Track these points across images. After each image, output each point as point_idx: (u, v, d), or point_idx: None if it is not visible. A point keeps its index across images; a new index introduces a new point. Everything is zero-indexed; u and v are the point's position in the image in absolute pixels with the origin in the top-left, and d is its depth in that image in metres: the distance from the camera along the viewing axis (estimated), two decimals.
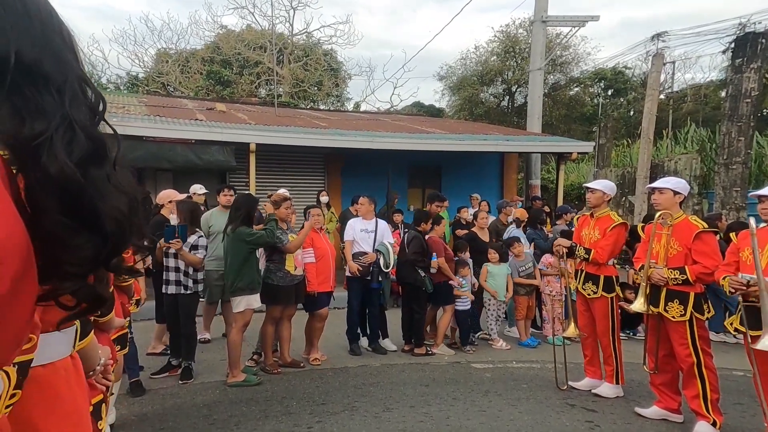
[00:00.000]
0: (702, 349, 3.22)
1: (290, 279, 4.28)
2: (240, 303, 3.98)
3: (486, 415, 3.47)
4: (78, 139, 0.53)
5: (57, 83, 0.53)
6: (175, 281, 4.02)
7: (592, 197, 3.96)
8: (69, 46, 0.57)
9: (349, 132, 9.82)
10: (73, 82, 0.55)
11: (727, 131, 8.49)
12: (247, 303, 4.00)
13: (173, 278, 4.02)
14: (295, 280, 4.32)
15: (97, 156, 0.55)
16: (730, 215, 7.86)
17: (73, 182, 0.51)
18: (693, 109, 17.21)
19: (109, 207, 0.54)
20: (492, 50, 21.77)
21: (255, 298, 4.05)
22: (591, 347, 3.99)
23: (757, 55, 8.17)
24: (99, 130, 0.57)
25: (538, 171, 12.22)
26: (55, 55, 0.54)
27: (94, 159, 0.54)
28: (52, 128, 0.51)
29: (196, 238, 4.06)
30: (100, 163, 0.55)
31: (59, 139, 0.51)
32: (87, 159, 0.53)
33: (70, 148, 0.52)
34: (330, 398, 3.78)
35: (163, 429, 3.24)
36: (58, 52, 0.55)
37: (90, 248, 0.53)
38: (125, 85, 20.90)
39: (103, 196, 0.54)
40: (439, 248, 4.98)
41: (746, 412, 3.55)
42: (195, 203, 4.59)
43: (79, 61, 0.59)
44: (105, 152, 0.56)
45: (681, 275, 3.21)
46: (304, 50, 21.88)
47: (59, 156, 0.50)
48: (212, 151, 8.08)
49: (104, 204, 0.54)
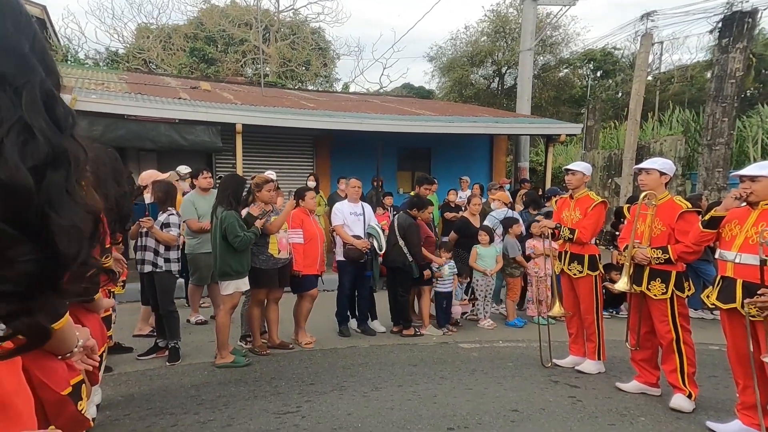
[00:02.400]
0: (681, 325, 3.32)
1: (273, 262, 4.23)
2: (228, 286, 3.96)
3: (472, 393, 3.55)
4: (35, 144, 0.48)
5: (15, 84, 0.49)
6: (149, 261, 3.97)
7: (573, 179, 4.00)
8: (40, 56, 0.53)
9: (338, 113, 9.67)
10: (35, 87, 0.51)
11: (712, 112, 8.57)
12: (236, 286, 3.97)
13: (147, 258, 3.98)
14: (278, 263, 4.27)
15: (57, 164, 0.50)
16: (711, 195, 8.00)
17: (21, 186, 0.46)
18: (679, 90, 17.32)
19: (63, 220, 0.49)
20: (482, 30, 21.50)
21: (244, 281, 4.02)
22: (576, 325, 4.08)
23: (744, 35, 8.18)
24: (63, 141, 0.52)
25: (527, 153, 12.26)
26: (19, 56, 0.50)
27: (53, 167, 0.50)
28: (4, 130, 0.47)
29: (166, 216, 4.01)
30: (59, 172, 0.50)
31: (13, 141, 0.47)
32: (44, 165, 0.49)
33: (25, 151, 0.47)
34: (319, 378, 3.82)
35: (151, 409, 3.24)
36: (22, 54, 0.51)
37: (31, 263, 0.48)
38: (104, 60, 20.16)
39: (57, 207, 0.49)
40: (425, 232, 5.00)
41: (720, 383, 3.70)
42: (170, 183, 4.46)
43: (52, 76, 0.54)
44: (67, 162, 0.52)
45: (663, 254, 3.27)
46: (291, 28, 21.30)
47: (10, 159, 0.46)
48: (197, 131, 7.89)
49: (58, 216, 0.49)
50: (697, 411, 3.26)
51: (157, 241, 3.96)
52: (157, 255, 3.97)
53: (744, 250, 2.76)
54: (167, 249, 4.00)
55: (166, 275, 4.02)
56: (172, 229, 4.01)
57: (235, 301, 4.05)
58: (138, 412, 3.21)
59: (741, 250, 2.77)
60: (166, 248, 3.99)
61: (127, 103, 7.72)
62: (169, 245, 4.00)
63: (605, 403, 3.40)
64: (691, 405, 3.27)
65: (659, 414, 3.24)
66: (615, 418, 3.19)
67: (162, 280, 4.00)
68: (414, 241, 4.85)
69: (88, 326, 1.57)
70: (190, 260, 4.85)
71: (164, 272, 4.00)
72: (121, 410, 3.23)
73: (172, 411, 3.22)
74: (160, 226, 3.96)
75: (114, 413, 3.17)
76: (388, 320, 5.19)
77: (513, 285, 5.53)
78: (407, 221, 4.94)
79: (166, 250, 4.00)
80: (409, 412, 3.23)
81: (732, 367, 2.96)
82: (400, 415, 3.18)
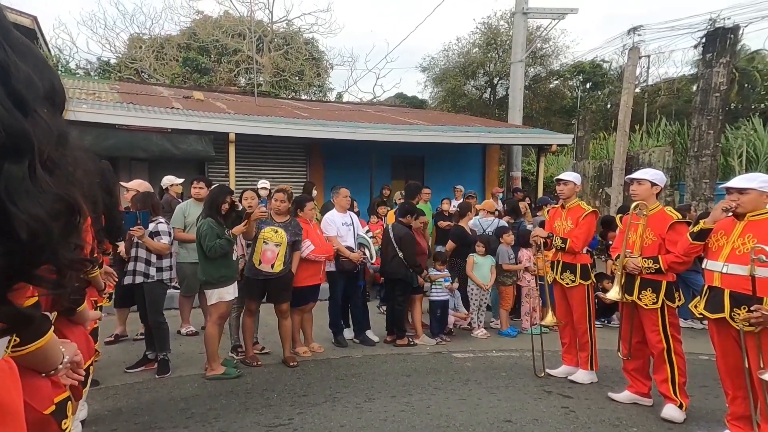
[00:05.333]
0: (672, 335, 3.34)
1: (255, 272, 4.13)
2: (212, 296, 3.90)
3: (466, 404, 3.53)
4: None
5: None
6: (140, 272, 3.91)
7: (565, 188, 4.04)
8: None
9: (332, 122, 9.71)
10: None
11: (698, 124, 8.75)
12: (219, 296, 3.89)
13: (138, 268, 3.91)
14: (259, 275, 4.11)
15: (14, 151, 0.46)
16: (699, 206, 8.13)
17: None
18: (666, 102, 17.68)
19: (23, 210, 0.46)
20: (474, 42, 21.85)
21: (227, 290, 3.92)
22: (569, 335, 4.09)
23: (726, 50, 8.41)
24: (21, 121, 0.47)
25: (519, 163, 12.39)
26: None
27: (10, 154, 0.46)
28: None
29: (154, 225, 3.97)
30: (17, 159, 0.46)
31: None
32: None
33: None
34: (311, 390, 3.77)
35: (138, 424, 3.17)
36: None
37: None
38: (96, 70, 20.08)
39: (15, 197, 0.46)
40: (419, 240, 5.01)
41: (710, 393, 3.72)
42: (146, 194, 4.39)
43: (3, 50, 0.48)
44: (26, 147, 0.47)
45: (654, 264, 3.31)
46: (284, 38, 21.45)
47: None
48: (190, 140, 7.87)
49: (16, 207, 0.46)
50: (688, 421, 3.27)
51: (148, 251, 3.91)
52: (149, 265, 3.91)
53: (731, 260, 2.79)
54: (159, 258, 3.95)
55: (157, 285, 3.97)
56: (162, 237, 3.96)
57: (222, 311, 3.96)
58: (125, 426, 3.13)
59: (728, 261, 2.81)
60: (158, 257, 3.95)
61: (119, 113, 7.69)
62: (161, 254, 3.95)
63: (598, 414, 3.40)
64: (682, 415, 3.28)
65: (651, 424, 3.25)
66: (607, 428, 3.19)
67: (152, 290, 3.94)
68: (410, 250, 4.85)
69: (73, 340, 1.54)
70: (179, 270, 4.81)
71: (155, 282, 3.94)
72: (108, 425, 3.15)
73: (161, 425, 3.15)
74: (149, 235, 3.91)
75: (101, 428, 3.10)
76: (381, 330, 5.16)
77: (505, 294, 5.54)
78: (402, 231, 4.96)
79: (158, 259, 3.95)
80: (403, 423, 3.20)
81: (721, 378, 2.98)
82: (394, 427, 3.15)
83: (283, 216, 4.30)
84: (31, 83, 0.49)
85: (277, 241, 4.15)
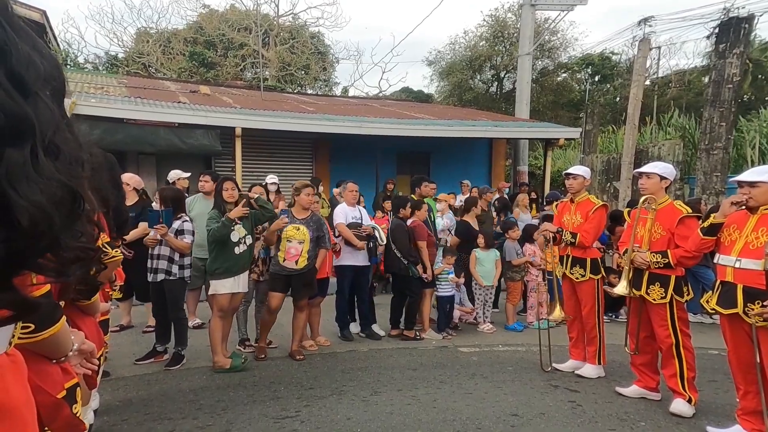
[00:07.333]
0: (681, 330, 3.31)
1: (279, 268, 4.18)
2: (211, 287, 3.96)
3: (472, 398, 3.53)
4: None
5: None
6: (162, 269, 3.95)
7: (575, 183, 4.00)
8: None
9: (338, 117, 9.69)
10: None
11: (709, 117, 8.60)
12: (214, 288, 3.93)
13: (161, 266, 3.95)
14: (284, 270, 4.16)
15: (15, 135, 0.44)
16: (710, 200, 8.02)
17: None
18: (677, 95, 17.40)
19: (23, 196, 0.45)
20: (481, 35, 21.59)
21: (222, 283, 3.91)
22: (577, 329, 4.07)
23: (740, 41, 8.23)
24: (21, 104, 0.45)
25: (526, 157, 12.29)
26: None
27: (10, 138, 0.44)
28: None
29: (180, 222, 4.00)
30: (17, 143, 0.44)
31: None
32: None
33: None
34: (318, 383, 3.80)
35: (149, 414, 3.22)
36: None
37: None
38: (104, 65, 20.20)
39: (15, 183, 0.44)
40: (422, 233, 4.99)
41: (720, 388, 3.69)
42: (178, 189, 4.48)
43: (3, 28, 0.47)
44: (28, 131, 0.46)
45: (663, 259, 3.27)
46: (290, 32, 21.38)
47: None
48: (197, 134, 7.89)
49: (16, 193, 0.44)
50: (697, 416, 3.25)
51: (171, 249, 3.95)
52: (172, 263, 3.96)
53: (744, 255, 2.75)
54: (181, 256, 4.00)
55: (179, 282, 4.02)
56: (186, 236, 3.99)
57: (221, 303, 3.94)
58: (136, 417, 3.18)
59: (741, 255, 2.77)
60: (180, 255, 3.99)
61: (127, 107, 7.73)
62: (183, 252, 3.99)
63: (605, 408, 3.39)
64: (691, 410, 3.26)
65: (659, 419, 3.23)
66: (615, 423, 3.18)
67: (173, 287, 3.99)
68: (402, 241, 4.85)
69: (84, 330, 1.56)
70: None
71: (177, 279, 3.99)
72: (119, 415, 3.20)
73: (170, 416, 3.20)
74: (174, 233, 3.94)
75: (111, 419, 3.15)
76: (386, 324, 5.17)
77: (513, 289, 5.52)
78: (394, 223, 5.01)
79: (180, 257, 4.00)
80: (409, 417, 3.21)
81: (733, 373, 2.95)
82: (400, 420, 3.17)
83: (304, 212, 4.26)
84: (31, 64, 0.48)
85: (300, 238, 4.16)
